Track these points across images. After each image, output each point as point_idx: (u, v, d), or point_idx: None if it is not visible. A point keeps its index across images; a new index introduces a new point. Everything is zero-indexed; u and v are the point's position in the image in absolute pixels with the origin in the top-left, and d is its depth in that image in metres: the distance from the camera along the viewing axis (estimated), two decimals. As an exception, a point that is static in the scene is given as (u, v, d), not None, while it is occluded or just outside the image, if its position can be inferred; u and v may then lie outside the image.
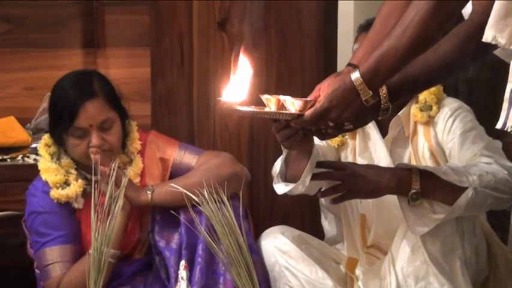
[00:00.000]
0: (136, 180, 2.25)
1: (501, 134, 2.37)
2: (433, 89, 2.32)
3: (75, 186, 2.22)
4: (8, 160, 2.50)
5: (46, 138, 2.31)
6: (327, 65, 3.00)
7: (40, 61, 2.81)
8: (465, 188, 2.01)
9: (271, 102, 1.78)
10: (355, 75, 1.72)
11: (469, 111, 2.31)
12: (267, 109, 1.78)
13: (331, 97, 1.73)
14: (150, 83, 2.88)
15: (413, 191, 2.03)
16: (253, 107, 1.82)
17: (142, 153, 2.34)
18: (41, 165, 2.27)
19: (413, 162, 2.29)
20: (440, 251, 2.09)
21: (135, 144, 2.32)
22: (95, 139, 2.17)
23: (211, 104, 2.98)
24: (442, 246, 2.09)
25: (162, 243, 2.23)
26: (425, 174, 2.05)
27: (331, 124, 1.77)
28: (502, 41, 1.20)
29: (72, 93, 2.21)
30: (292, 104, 1.75)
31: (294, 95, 1.85)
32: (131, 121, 2.35)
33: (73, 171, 2.27)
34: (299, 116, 1.75)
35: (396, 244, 2.14)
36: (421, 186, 2.03)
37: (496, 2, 1.20)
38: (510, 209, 2.29)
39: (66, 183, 2.23)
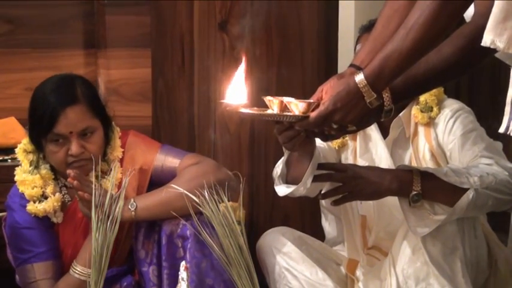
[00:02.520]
0: (114, 191, 2.14)
1: (502, 136, 2.39)
2: (433, 90, 2.31)
3: (53, 200, 2.18)
4: (9, 160, 2.51)
5: (25, 143, 2.27)
6: (328, 66, 3.01)
7: (41, 62, 2.81)
8: (466, 189, 2.02)
9: (274, 104, 1.78)
10: (360, 78, 1.72)
11: (469, 113, 2.31)
12: (270, 111, 1.77)
13: (335, 99, 1.73)
14: (151, 83, 2.89)
15: (414, 192, 2.03)
16: (255, 108, 1.82)
17: (122, 161, 2.29)
18: (17, 177, 2.23)
19: (414, 164, 2.30)
20: (441, 252, 2.09)
21: (116, 153, 2.27)
22: (74, 147, 2.13)
23: (211, 104, 2.99)
24: (443, 247, 2.09)
25: (141, 254, 2.21)
26: (426, 176, 2.05)
27: (334, 126, 1.77)
28: (500, 45, 1.20)
29: (53, 97, 2.16)
30: (296, 106, 1.74)
31: (294, 95, 1.84)
32: (115, 127, 2.31)
33: (51, 181, 2.23)
34: (303, 118, 1.74)
35: (397, 245, 2.15)
36: (422, 187, 2.03)
37: (495, 5, 1.20)
38: (510, 211, 2.31)
39: (44, 196, 2.19)
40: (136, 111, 2.78)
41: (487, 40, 1.21)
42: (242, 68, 1.80)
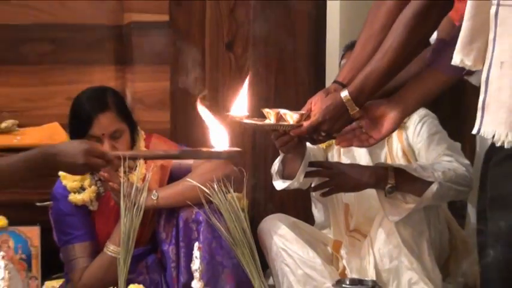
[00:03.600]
0: (139, 183, 2.12)
1: (460, 138, 2.40)
2: None
3: (89, 192, 2.20)
4: None
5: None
6: (317, 79, 2.99)
7: (79, 76, 2.78)
8: (431, 182, 2.04)
9: (271, 115, 1.76)
10: (344, 94, 1.71)
11: (434, 118, 2.32)
12: (268, 121, 1.77)
13: (324, 112, 1.71)
14: (169, 94, 2.86)
15: (389, 185, 2.04)
16: (256, 119, 1.80)
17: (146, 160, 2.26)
18: (61, 172, 2.21)
19: (389, 161, 2.29)
20: (410, 235, 2.11)
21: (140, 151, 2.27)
22: (106, 146, 2.12)
23: (220, 112, 2.97)
24: (412, 230, 2.11)
25: (163, 236, 2.21)
26: (399, 171, 2.07)
27: (323, 134, 1.77)
28: (468, 63, 1.20)
29: (88, 105, 2.17)
30: (291, 117, 1.74)
31: (290, 104, 1.86)
32: (139, 131, 2.30)
33: (88, 176, 2.22)
34: (296, 126, 1.74)
35: (374, 229, 2.16)
36: (395, 181, 2.04)
37: (462, 31, 1.20)
38: (467, 200, 2.32)
39: (82, 188, 2.21)
40: (157, 117, 2.75)
41: (456, 60, 1.22)
42: (246, 85, 1.80)
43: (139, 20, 2.80)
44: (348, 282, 1.94)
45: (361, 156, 2.32)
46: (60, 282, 2.35)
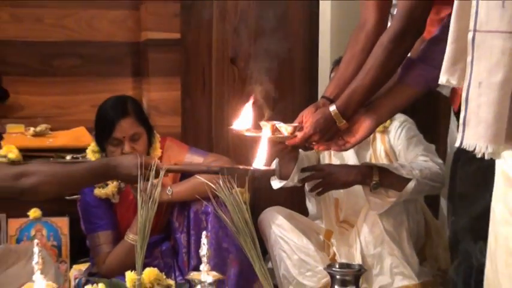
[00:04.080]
0: (154, 180, 2.15)
1: (434, 140, 2.41)
2: None
3: (112, 187, 2.20)
4: (80, 157, 2.50)
5: (93, 145, 2.29)
6: (310, 89, 3.01)
7: (102, 86, 2.79)
8: (410, 179, 2.05)
9: (267, 127, 1.74)
10: (333, 108, 1.70)
11: (412, 123, 2.32)
12: (262, 133, 1.75)
13: (315, 125, 1.71)
14: (180, 102, 2.86)
15: (374, 182, 2.05)
16: (255, 130, 1.78)
17: (161, 158, 2.25)
18: None
19: (373, 161, 2.30)
20: (392, 225, 2.12)
21: (156, 152, 2.26)
22: (126, 147, 2.14)
23: (225, 118, 2.97)
24: (393, 221, 2.12)
25: (176, 225, 2.22)
26: (382, 170, 2.08)
27: (314, 143, 1.77)
28: (453, 82, 1.18)
29: (111, 112, 2.18)
30: (286, 129, 1.73)
31: (286, 111, 1.87)
32: (155, 134, 2.29)
33: None
34: (291, 138, 1.73)
35: (360, 220, 2.18)
36: (379, 178, 2.06)
37: (446, 52, 1.19)
38: (440, 194, 2.33)
39: (105, 184, 2.20)
40: (170, 122, 2.73)
41: (443, 79, 1.20)
42: (250, 102, 1.79)
43: (154, 38, 2.79)
44: (337, 266, 1.92)
45: (349, 157, 2.31)
46: (86, 265, 2.36)
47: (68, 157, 2.55)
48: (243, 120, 1.76)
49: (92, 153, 2.29)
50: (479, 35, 1.06)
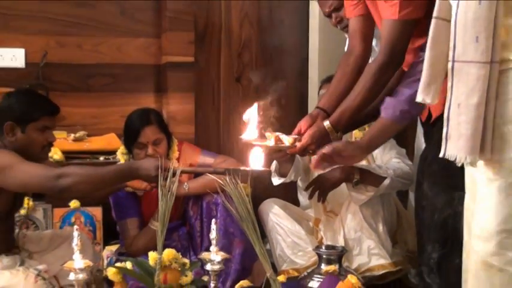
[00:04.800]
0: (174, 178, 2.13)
1: (404, 145, 2.38)
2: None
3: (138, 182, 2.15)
4: (111, 158, 2.49)
5: (122, 148, 2.27)
6: (301, 104, 2.99)
7: (129, 100, 2.77)
8: (385, 178, 2.06)
9: (271, 138, 1.73)
10: (326, 123, 1.70)
11: None
12: (268, 142, 1.74)
13: (312, 137, 1.70)
14: (194, 114, 2.82)
15: (356, 179, 2.06)
16: (261, 140, 1.75)
17: (179, 159, 2.24)
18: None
19: None
20: (370, 214, 2.13)
21: (174, 154, 2.24)
22: (150, 150, 2.13)
23: (231, 126, 2.97)
24: (371, 211, 2.13)
25: (191, 213, 2.22)
26: (362, 170, 2.08)
27: (310, 151, 1.75)
28: (428, 100, 1.19)
29: (137, 121, 2.17)
30: (288, 140, 1.72)
31: (282, 122, 1.85)
32: (174, 139, 2.27)
33: None
34: (292, 147, 1.73)
35: (343, 210, 2.19)
36: (360, 176, 2.06)
37: (422, 76, 1.19)
38: (409, 189, 2.32)
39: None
40: (185, 130, 2.68)
41: (419, 98, 1.21)
42: (255, 114, 1.77)
43: (173, 61, 2.76)
44: (324, 248, 1.94)
45: None
46: (116, 247, 2.35)
47: (101, 158, 2.54)
48: (250, 132, 1.75)
49: (121, 155, 2.29)
50: (458, 64, 1.06)
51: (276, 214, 2.25)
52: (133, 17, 2.81)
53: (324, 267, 1.85)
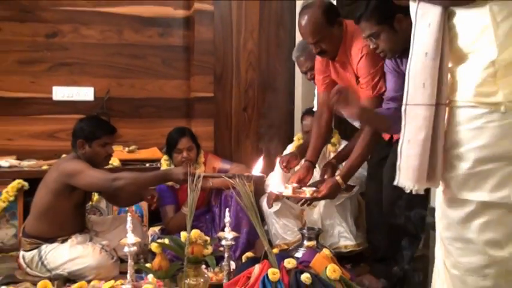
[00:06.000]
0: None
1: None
2: (336, 135, 2.26)
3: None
4: (154, 165, 2.47)
5: (164, 157, 2.26)
6: (290, 128, 2.89)
7: (167, 123, 2.69)
8: (354, 186, 2.01)
9: (289, 188, 1.68)
10: (338, 178, 1.67)
11: None
12: (286, 192, 1.69)
13: (329, 189, 1.66)
14: (213, 134, 2.77)
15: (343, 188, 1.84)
16: (285, 192, 1.69)
17: (205, 164, 2.24)
18: (162, 168, 2.25)
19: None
20: (340, 207, 2.11)
21: (201, 159, 2.24)
22: (185, 154, 2.12)
23: (240, 143, 2.91)
24: (342, 205, 2.12)
25: (213, 203, 2.20)
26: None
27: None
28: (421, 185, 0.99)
29: (176, 135, 2.18)
30: (308, 191, 1.68)
31: (277, 141, 1.83)
32: (201, 150, 2.26)
33: None
34: (314, 198, 1.69)
35: (321, 204, 2.14)
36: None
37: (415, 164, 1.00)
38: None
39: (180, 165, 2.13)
40: (206, 144, 2.61)
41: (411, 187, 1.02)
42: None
43: (198, 96, 2.73)
44: (306, 229, 1.89)
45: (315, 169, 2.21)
46: (157, 228, 2.29)
47: (147, 164, 2.51)
48: (277, 184, 1.72)
49: (164, 162, 2.28)
50: (409, 107, 0.94)
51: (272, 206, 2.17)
52: (171, 65, 2.82)
53: (305, 243, 1.82)
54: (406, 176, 0.95)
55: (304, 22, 1.61)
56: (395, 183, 0.97)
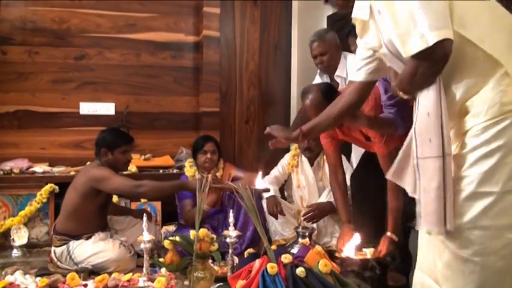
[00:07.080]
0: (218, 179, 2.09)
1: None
2: None
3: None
4: (167, 171, 2.47)
5: (189, 160, 2.24)
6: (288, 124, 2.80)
7: (178, 135, 2.76)
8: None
9: (351, 250, 1.59)
10: (391, 234, 1.58)
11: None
12: (364, 256, 1.60)
13: (388, 248, 1.53)
14: (219, 144, 2.73)
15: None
16: (346, 253, 1.60)
17: (223, 169, 2.22)
18: (186, 170, 2.24)
19: (324, 178, 2.19)
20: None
21: (220, 165, 2.23)
22: (208, 155, 2.14)
23: (243, 152, 2.91)
24: (329, 203, 2.08)
25: (226, 203, 2.17)
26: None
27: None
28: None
29: (203, 138, 2.21)
30: (369, 252, 1.57)
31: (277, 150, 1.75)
32: (222, 156, 2.25)
33: (197, 173, 2.21)
34: (376, 258, 1.57)
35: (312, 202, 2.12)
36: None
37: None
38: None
39: (193, 177, 2.17)
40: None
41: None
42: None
43: (206, 111, 2.74)
44: (301, 228, 1.90)
45: (308, 174, 2.23)
46: (170, 227, 2.26)
47: (161, 171, 2.51)
48: (350, 248, 1.61)
49: (188, 165, 2.25)
50: (420, 160, 0.94)
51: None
52: (182, 84, 2.83)
53: (300, 240, 1.83)
54: (426, 221, 0.94)
55: (307, 102, 1.56)
56: (416, 228, 0.96)
